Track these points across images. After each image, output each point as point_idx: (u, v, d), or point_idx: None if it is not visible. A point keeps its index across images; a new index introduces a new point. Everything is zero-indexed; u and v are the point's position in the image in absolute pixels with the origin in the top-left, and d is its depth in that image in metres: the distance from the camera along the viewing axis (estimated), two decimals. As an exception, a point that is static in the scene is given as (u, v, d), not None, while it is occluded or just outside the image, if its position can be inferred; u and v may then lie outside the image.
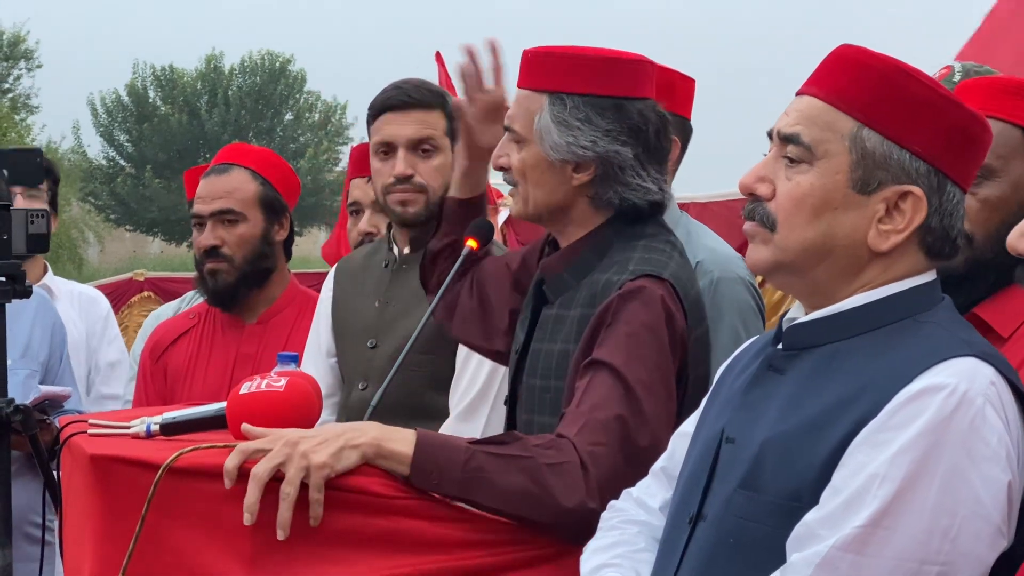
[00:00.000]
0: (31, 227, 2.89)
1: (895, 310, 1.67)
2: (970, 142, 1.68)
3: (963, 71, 2.51)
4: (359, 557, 1.93)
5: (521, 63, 2.37)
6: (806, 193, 1.67)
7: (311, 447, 1.90)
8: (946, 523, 1.52)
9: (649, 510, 1.92)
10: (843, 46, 1.73)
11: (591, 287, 2.25)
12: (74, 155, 42.67)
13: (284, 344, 3.28)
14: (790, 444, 1.63)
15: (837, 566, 1.53)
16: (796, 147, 1.68)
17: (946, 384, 1.55)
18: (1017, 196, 2.08)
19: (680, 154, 2.99)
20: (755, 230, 1.73)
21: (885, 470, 1.53)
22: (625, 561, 1.83)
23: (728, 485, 1.69)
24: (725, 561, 1.66)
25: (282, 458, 1.88)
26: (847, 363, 1.65)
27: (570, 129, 2.25)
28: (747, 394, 1.75)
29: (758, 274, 1.78)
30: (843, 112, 1.67)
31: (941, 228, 1.67)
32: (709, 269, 2.79)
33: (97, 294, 4.23)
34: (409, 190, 2.93)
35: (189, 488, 1.92)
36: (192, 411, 2.20)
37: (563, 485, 1.98)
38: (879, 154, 1.65)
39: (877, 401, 1.57)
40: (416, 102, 2.92)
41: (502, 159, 2.34)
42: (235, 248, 3.34)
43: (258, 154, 3.48)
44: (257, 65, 44.89)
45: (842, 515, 1.54)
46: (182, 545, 1.92)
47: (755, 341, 1.90)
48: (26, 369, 3.39)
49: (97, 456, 1.99)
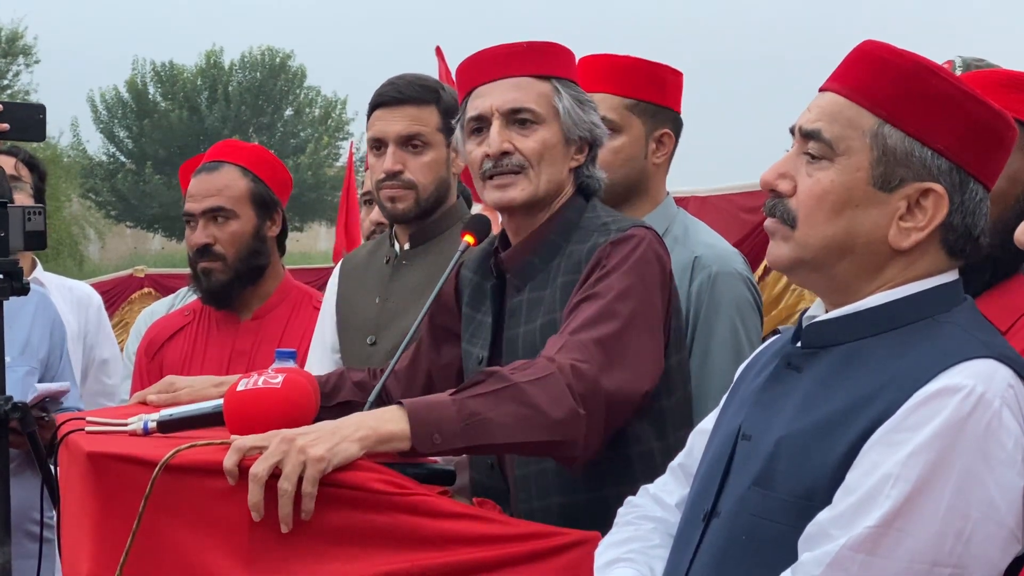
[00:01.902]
0: (28, 224, 2.89)
1: (915, 310, 1.66)
2: (994, 140, 1.67)
3: (964, 65, 2.51)
4: (357, 553, 1.92)
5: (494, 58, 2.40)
6: (827, 190, 1.66)
7: (308, 442, 1.90)
8: (959, 525, 1.50)
9: (665, 506, 1.92)
10: (866, 42, 1.72)
11: (574, 255, 2.30)
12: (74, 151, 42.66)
13: (279, 340, 3.29)
14: (805, 442, 1.62)
15: (847, 566, 1.52)
16: (817, 143, 1.68)
17: (963, 386, 1.53)
18: (1014, 189, 2.07)
19: (673, 148, 3.00)
20: (776, 227, 1.72)
21: (899, 471, 1.51)
22: (639, 556, 1.83)
23: (743, 482, 1.68)
24: (738, 558, 1.66)
25: (280, 455, 1.88)
26: (865, 362, 1.64)
27: (588, 109, 2.40)
28: (765, 392, 1.75)
29: (779, 271, 1.77)
30: (865, 109, 1.66)
31: (963, 226, 1.66)
32: (707, 264, 2.79)
33: (89, 290, 4.21)
34: (397, 186, 2.93)
35: (186, 485, 1.92)
36: (189, 408, 2.21)
37: (549, 398, 2.02)
38: (901, 151, 1.64)
39: (893, 401, 1.56)
40: (408, 98, 2.92)
41: (506, 144, 2.35)
42: (227, 246, 3.34)
43: (248, 150, 3.47)
44: (257, 61, 44.86)
45: (854, 515, 1.53)
46: (179, 542, 1.92)
47: (776, 339, 1.89)
48: (25, 366, 3.38)
49: (94, 453, 1.99)
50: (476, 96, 2.40)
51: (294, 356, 2.41)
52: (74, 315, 3.94)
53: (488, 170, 2.37)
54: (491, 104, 2.37)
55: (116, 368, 4.03)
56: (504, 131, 2.35)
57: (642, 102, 2.92)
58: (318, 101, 45.81)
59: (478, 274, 2.50)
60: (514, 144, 2.35)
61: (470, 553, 1.97)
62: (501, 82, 2.38)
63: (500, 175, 2.36)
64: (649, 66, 2.96)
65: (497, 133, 2.35)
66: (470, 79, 2.43)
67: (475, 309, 2.49)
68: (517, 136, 2.35)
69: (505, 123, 2.36)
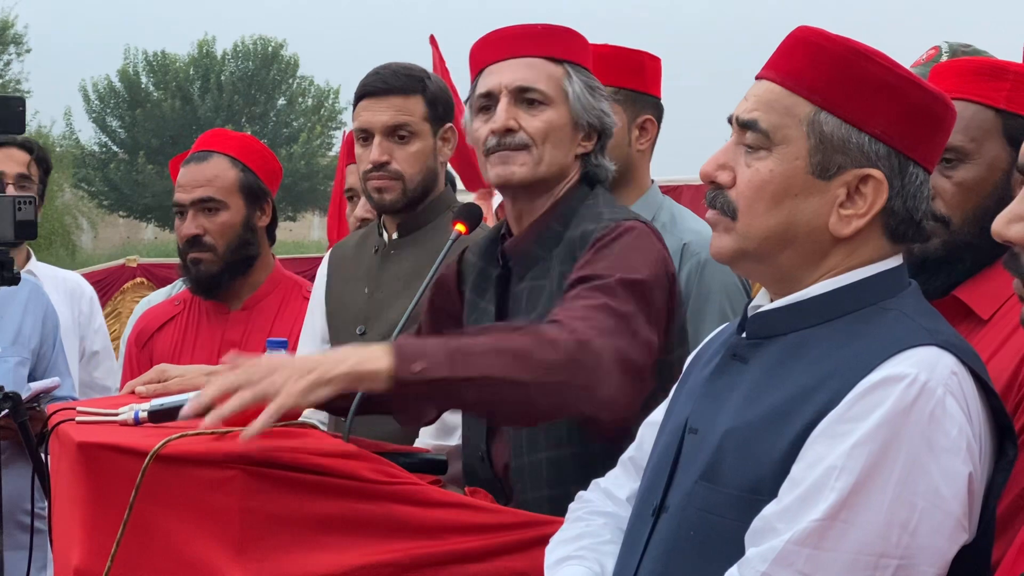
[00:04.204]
0: (19, 214, 2.89)
1: (860, 297, 1.64)
2: (932, 122, 1.65)
3: (950, 51, 2.51)
4: (349, 542, 1.93)
5: (512, 37, 2.39)
6: (766, 180, 1.64)
7: (282, 379, 1.85)
8: (905, 516, 1.48)
9: (616, 501, 1.90)
10: (800, 28, 1.69)
11: (568, 244, 2.29)
12: (66, 141, 42.55)
13: (269, 329, 3.29)
14: (751, 435, 1.59)
15: (793, 561, 1.49)
16: (754, 133, 1.65)
17: (906, 374, 1.51)
18: (993, 178, 2.07)
19: (656, 134, 3.00)
20: (717, 219, 1.70)
21: (843, 462, 1.49)
22: (589, 553, 1.80)
23: (690, 477, 1.66)
24: (686, 554, 1.63)
25: (251, 396, 1.85)
26: (810, 352, 1.61)
27: (598, 97, 2.38)
28: (711, 383, 1.72)
29: (722, 262, 1.75)
30: (801, 96, 1.64)
31: (904, 210, 1.64)
32: (695, 251, 2.80)
33: (81, 280, 4.21)
34: (384, 177, 2.92)
35: (177, 475, 1.91)
36: (180, 398, 2.20)
37: (539, 341, 1.96)
38: (837, 138, 1.62)
39: (838, 391, 1.53)
40: (393, 88, 2.91)
41: (511, 121, 2.34)
42: (217, 236, 3.33)
43: (237, 140, 3.47)
44: (250, 50, 44.71)
45: (799, 508, 1.50)
46: (170, 532, 1.91)
47: (723, 330, 1.88)
48: (16, 357, 3.38)
49: (84, 443, 1.99)
50: (487, 74, 2.40)
51: (285, 345, 2.41)
52: (67, 306, 3.93)
53: (492, 146, 2.36)
54: (500, 81, 2.36)
55: (105, 361, 4.03)
56: (511, 108, 2.35)
57: (623, 89, 2.92)
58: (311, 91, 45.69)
59: (483, 260, 2.48)
60: (520, 122, 2.34)
61: (462, 542, 1.97)
62: (512, 61, 2.37)
63: (503, 150, 2.35)
64: (627, 53, 2.97)
65: (504, 110, 2.35)
66: (482, 58, 2.42)
67: (479, 296, 2.47)
68: (524, 115, 2.35)
69: (513, 101, 2.35)
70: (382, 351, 1.91)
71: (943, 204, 2.08)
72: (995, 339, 1.99)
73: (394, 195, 2.94)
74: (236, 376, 1.88)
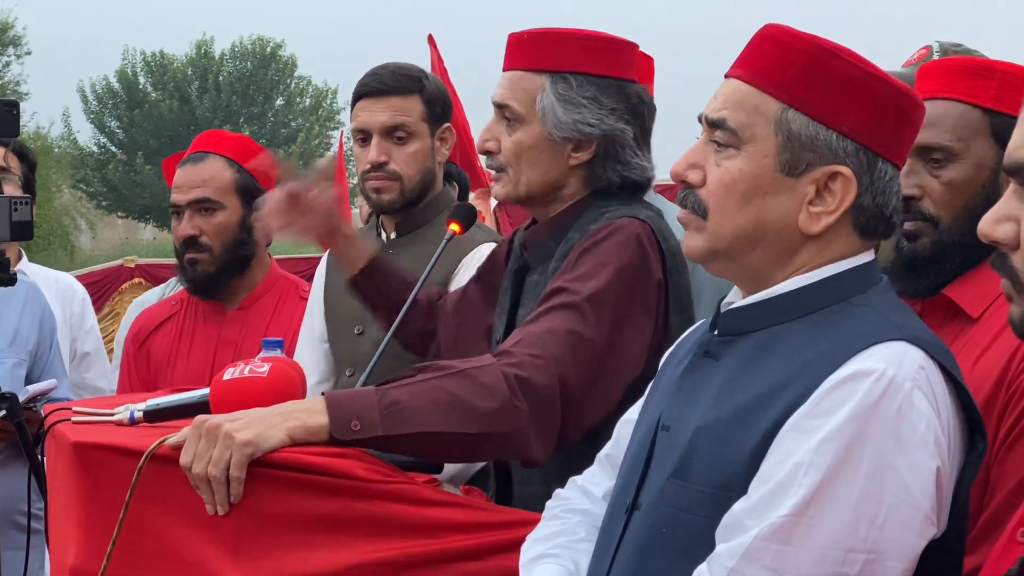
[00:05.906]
0: (15, 214, 2.89)
1: (829, 293, 1.64)
2: (900, 118, 1.65)
3: (941, 50, 2.50)
4: (343, 542, 1.92)
5: (510, 45, 2.37)
6: (735, 179, 1.64)
7: (234, 428, 1.87)
8: (873, 511, 1.48)
9: (592, 498, 1.90)
10: (768, 26, 1.69)
11: (568, 243, 2.28)
12: (64, 142, 42.54)
13: (266, 329, 3.29)
14: (722, 432, 1.59)
15: (761, 557, 1.49)
16: (723, 132, 1.65)
17: (873, 369, 1.51)
18: (980, 177, 2.07)
19: None
20: (688, 218, 1.70)
21: (811, 458, 1.49)
22: (564, 551, 1.80)
23: (662, 474, 1.65)
24: (658, 551, 1.63)
25: (203, 442, 1.86)
26: (780, 349, 1.61)
27: (576, 107, 2.28)
28: (684, 381, 1.72)
29: (695, 261, 1.76)
30: (769, 94, 1.63)
31: (874, 207, 1.64)
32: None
33: (73, 281, 4.19)
34: (382, 177, 2.93)
35: (172, 475, 1.91)
36: (175, 398, 2.21)
37: (476, 388, 1.95)
38: (805, 135, 1.62)
39: (807, 387, 1.53)
40: (391, 88, 2.91)
41: (490, 143, 2.34)
42: (213, 237, 3.33)
43: (233, 141, 3.47)
44: (248, 50, 44.73)
45: (768, 505, 1.50)
46: (166, 531, 1.92)
47: (696, 327, 1.88)
48: (14, 358, 3.38)
49: (80, 443, 1.99)
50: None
51: (281, 345, 2.41)
52: (59, 306, 3.93)
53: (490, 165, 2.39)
54: (493, 97, 2.36)
55: (96, 363, 4.02)
56: (495, 127, 2.34)
57: None
58: (309, 91, 45.72)
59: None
60: (500, 142, 2.33)
61: (457, 541, 1.97)
62: (506, 74, 2.36)
63: (495, 170, 2.37)
64: None
65: (487, 128, 2.35)
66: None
67: (507, 281, 2.48)
68: (504, 134, 2.33)
69: (497, 118, 2.35)
70: (321, 406, 1.93)
71: (932, 203, 2.08)
72: (984, 337, 1.99)
73: (392, 195, 2.94)
74: (183, 454, 1.88)
